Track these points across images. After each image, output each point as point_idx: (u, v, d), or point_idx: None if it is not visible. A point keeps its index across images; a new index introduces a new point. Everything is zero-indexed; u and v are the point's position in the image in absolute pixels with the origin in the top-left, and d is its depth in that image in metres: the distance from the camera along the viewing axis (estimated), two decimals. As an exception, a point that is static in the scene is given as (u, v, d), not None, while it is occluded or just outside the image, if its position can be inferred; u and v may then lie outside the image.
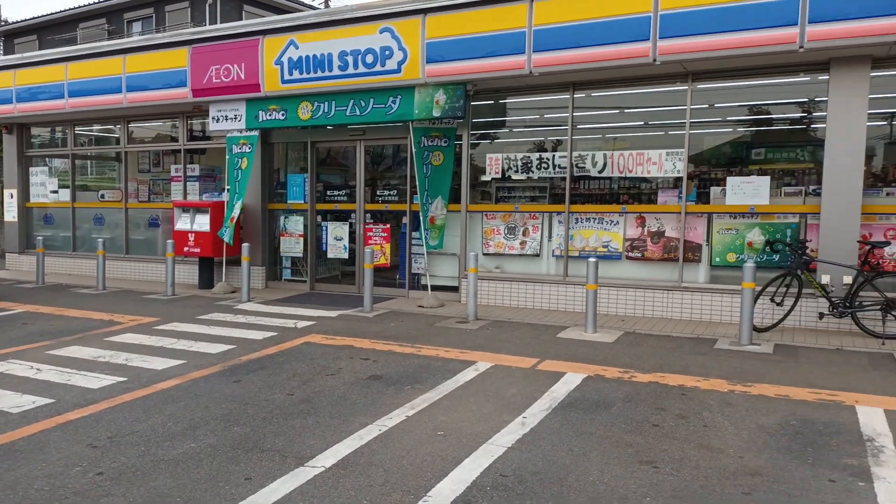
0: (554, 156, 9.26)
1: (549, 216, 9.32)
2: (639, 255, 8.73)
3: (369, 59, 9.28)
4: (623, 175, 8.87)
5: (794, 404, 5.08)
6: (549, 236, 9.32)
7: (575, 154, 9.03)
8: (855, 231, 7.38)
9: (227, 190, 10.86)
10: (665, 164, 8.51)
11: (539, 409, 4.99)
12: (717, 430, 4.58)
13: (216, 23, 23.67)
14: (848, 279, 7.30)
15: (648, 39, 7.54)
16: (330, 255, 10.81)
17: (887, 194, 7.71)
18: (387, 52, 9.16)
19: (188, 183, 12.09)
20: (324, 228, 10.83)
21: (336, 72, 9.54)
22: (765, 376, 5.81)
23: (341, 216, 10.79)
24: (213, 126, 10.97)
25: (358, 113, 9.67)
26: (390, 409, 4.99)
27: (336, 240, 10.67)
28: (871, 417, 4.76)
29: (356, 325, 8.18)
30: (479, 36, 8.53)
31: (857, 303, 7.17)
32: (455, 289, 9.81)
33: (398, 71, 9.12)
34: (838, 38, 6.77)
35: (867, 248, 7.24)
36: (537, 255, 9.38)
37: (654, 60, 7.56)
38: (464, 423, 4.71)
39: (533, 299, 9.18)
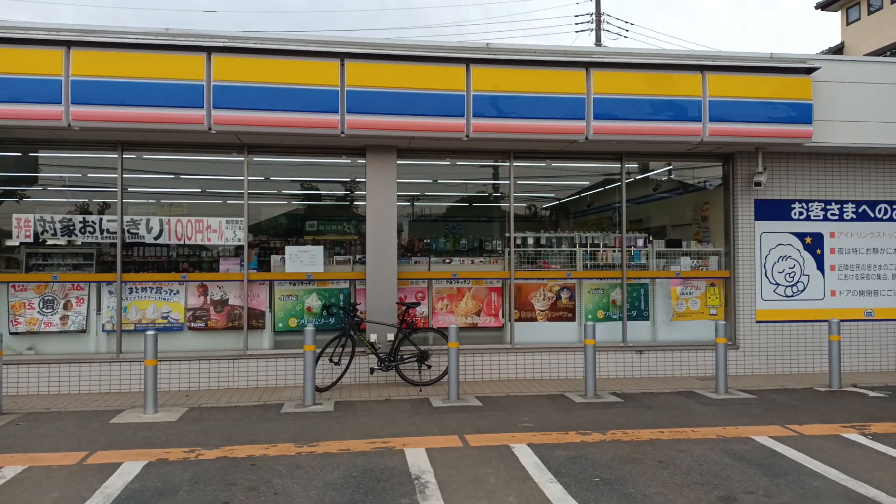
0: (101, 219, 8.37)
1: (97, 286, 8.31)
2: (202, 324, 8.41)
3: None
4: (182, 242, 8.53)
5: (355, 456, 5.44)
6: (99, 309, 8.29)
7: (127, 218, 8.32)
8: (394, 294, 8.47)
9: None
10: (226, 232, 8.48)
11: (90, 512, 4.28)
12: (288, 495, 4.60)
13: None
14: (391, 336, 8.30)
15: (202, 107, 7.48)
16: None
17: (415, 262, 9.10)
18: None
19: None
20: None
21: None
22: (328, 434, 6.12)
23: None
24: None
25: None
26: None
27: None
28: (416, 458, 5.40)
29: None
30: (2, 77, 7.25)
31: (398, 356, 8.20)
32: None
33: None
34: (370, 128, 7.80)
35: (404, 308, 8.39)
36: (83, 331, 8.23)
37: (210, 129, 7.52)
38: (-16, 551, 3.73)
39: (80, 382, 7.95)
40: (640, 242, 9.39)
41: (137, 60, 7.40)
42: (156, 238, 8.41)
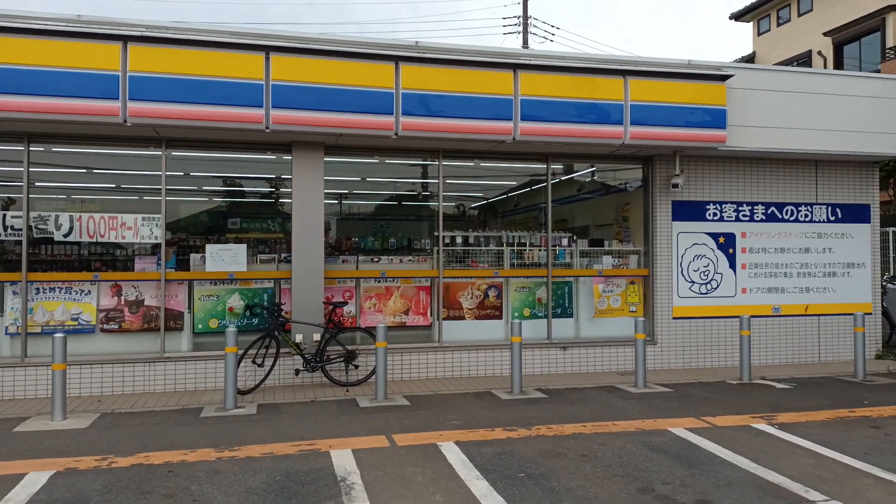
0: (5, 215, 7.88)
1: (0, 286, 7.81)
2: (116, 326, 8.03)
3: None
4: (94, 240, 8.11)
5: (278, 460, 5.32)
6: (1, 310, 7.78)
7: (34, 214, 7.85)
8: (320, 293, 8.33)
9: None
10: (142, 229, 8.13)
11: (-11, 528, 4.01)
12: (207, 501, 4.46)
13: None
14: (317, 336, 8.16)
15: (117, 99, 7.13)
16: None
17: (343, 261, 8.98)
18: None
19: None
20: None
21: None
22: (250, 437, 5.95)
23: None
24: None
25: None
26: None
27: None
28: (342, 459, 5.33)
29: None
30: None
31: (325, 357, 8.06)
32: None
33: None
34: (296, 124, 7.64)
35: (331, 307, 8.26)
36: (-17, 335, 7.72)
37: (125, 121, 7.19)
38: None
39: (-22, 389, 7.47)
40: (565, 242, 9.60)
41: (46, 47, 6.99)
42: (66, 235, 7.97)
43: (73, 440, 5.88)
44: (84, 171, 9.07)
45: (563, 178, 10.27)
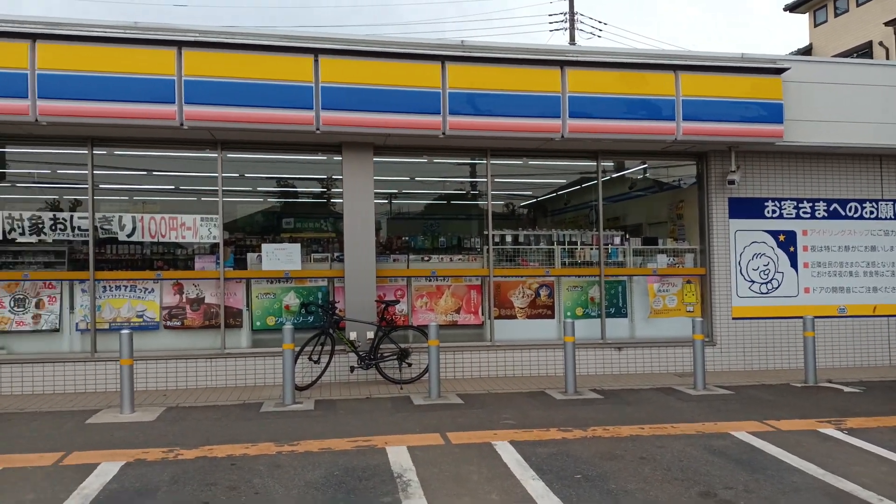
0: (72, 216, 8.20)
1: (70, 284, 8.14)
2: (178, 323, 8.28)
3: None
4: (156, 240, 8.39)
5: (336, 455, 5.40)
6: (72, 307, 8.12)
7: (99, 216, 8.16)
8: (372, 292, 8.42)
9: None
10: (200, 229, 8.36)
11: (67, 515, 4.18)
12: (269, 495, 4.55)
13: None
14: (370, 334, 8.25)
15: (174, 103, 7.34)
16: None
17: (394, 260, 9.06)
18: None
19: None
20: None
21: None
22: (309, 433, 6.06)
23: None
24: None
25: None
26: None
27: None
28: (398, 456, 5.37)
29: None
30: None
31: (379, 355, 8.15)
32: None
33: None
34: (345, 125, 7.73)
35: (383, 306, 8.34)
36: (56, 330, 8.05)
37: (182, 125, 7.40)
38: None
39: (54, 382, 7.78)
40: (617, 240, 9.47)
41: (106, 54, 7.26)
42: (129, 236, 8.26)
43: (141, 432, 6.09)
44: (144, 173, 9.38)
45: (613, 176, 10.14)
